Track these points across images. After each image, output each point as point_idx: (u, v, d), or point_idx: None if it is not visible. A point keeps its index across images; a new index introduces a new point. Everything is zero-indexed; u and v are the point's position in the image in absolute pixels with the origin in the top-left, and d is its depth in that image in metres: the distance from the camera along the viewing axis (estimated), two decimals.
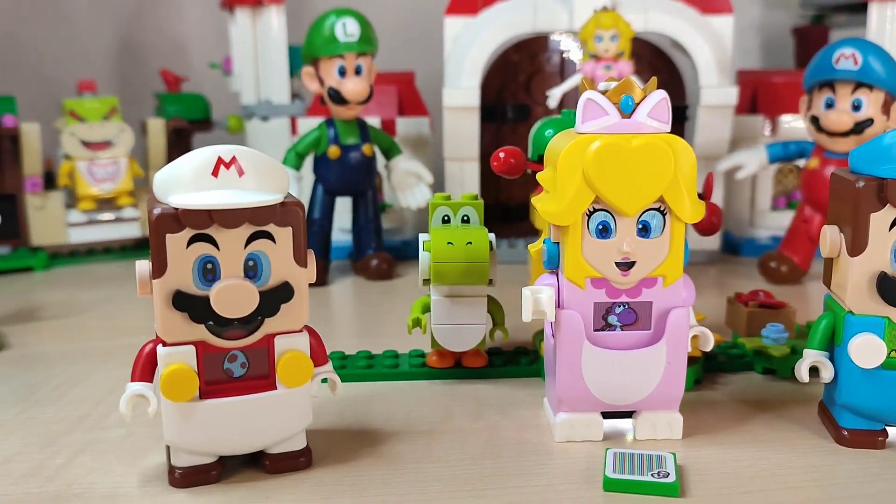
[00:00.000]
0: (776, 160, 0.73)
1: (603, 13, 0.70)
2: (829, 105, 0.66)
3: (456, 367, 0.48)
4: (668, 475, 0.35)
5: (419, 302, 0.48)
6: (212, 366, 0.34)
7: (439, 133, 0.79)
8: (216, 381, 0.35)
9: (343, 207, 0.76)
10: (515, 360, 0.49)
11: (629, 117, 0.37)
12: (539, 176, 0.39)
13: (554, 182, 0.37)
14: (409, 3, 1.07)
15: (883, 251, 0.37)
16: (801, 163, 0.73)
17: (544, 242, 0.40)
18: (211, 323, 0.34)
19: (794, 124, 0.81)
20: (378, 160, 0.75)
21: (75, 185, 0.79)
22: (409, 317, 0.48)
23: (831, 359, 0.40)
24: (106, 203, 0.81)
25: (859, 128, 0.65)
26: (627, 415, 0.41)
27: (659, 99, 0.37)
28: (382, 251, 0.74)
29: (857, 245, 0.38)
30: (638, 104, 0.37)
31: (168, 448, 0.36)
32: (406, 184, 0.74)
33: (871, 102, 0.64)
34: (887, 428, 0.39)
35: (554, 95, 0.75)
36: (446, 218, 0.48)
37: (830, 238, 0.39)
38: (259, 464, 0.37)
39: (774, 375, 0.49)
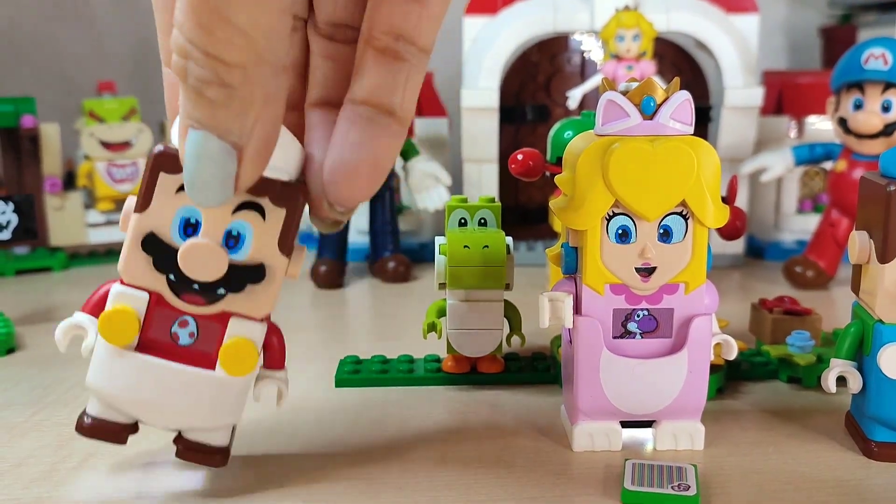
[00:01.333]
0: (802, 162, 0.72)
1: (625, 12, 0.69)
2: (858, 106, 0.64)
3: (472, 373, 0.48)
4: (688, 488, 0.34)
5: (435, 306, 0.48)
6: (160, 323, 0.33)
7: (457, 134, 0.78)
8: (159, 340, 0.33)
9: (360, 209, 0.75)
10: (532, 366, 0.48)
11: (651, 119, 0.36)
12: (557, 179, 0.38)
13: (572, 185, 0.36)
14: None
15: None
16: (827, 165, 0.72)
17: (562, 247, 0.39)
18: (172, 277, 0.32)
19: (820, 126, 0.80)
20: (395, 162, 0.74)
21: (94, 185, 0.79)
22: (424, 321, 0.47)
23: (860, 369, 0.39)
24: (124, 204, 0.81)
25: (889, 129, 0.63)
26: (647, 424, 0.40)
27: (682, 100, 0.36)
28: (399, 253, 0.74)
29: (887, 251, 0.36)
30: (660, 105, 0.36)
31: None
32: (423, 185, 0.73)
33: None
34: None
35: (574, 96, 0.74)
36: (463, 221, 0.47)
37: (859, 244, 0.38)
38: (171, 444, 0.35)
39: (800, 384, 0.47)
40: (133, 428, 0.34)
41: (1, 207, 0.58)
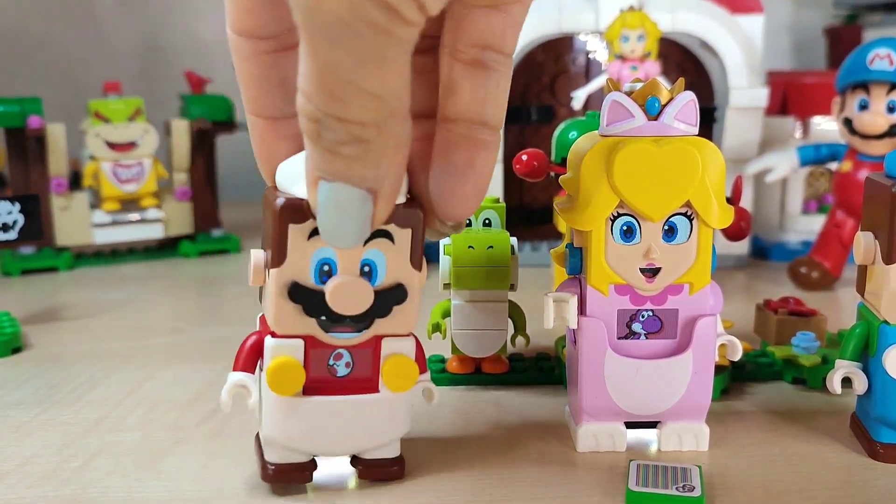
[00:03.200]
0: (807, 163, 0.72)
1: (629, 13, 0.69)
2: (863, 107, 0.64)
3: (476, 373, 0.48)
4: (693, 489, 0.34)
5: (439, 306, 0.48)
6: (317, 362, 0.34)
7: None
8: (320, 378, 0.34)
9: None
10: (537, 366, 0.48)
11: (655, 119, 0.36)
12: (562, 179, 0.38)
13: (577, 185, 0.36)
14: None
15: None
16: (833, 166, 0.72)
17: (567, 247, 0.39)
18: (323, 318, 0.33)
19: (825, 126, 0.79)
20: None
21: (100, 185, 0.79)
22: (428, 321, 0.47)
23: (865, 370, 0.39)
24: (130, 204, 0.81)
25: (894, 130, 0.63)
26: (652, 425, 0.40)
27: (686, 100, 0.36)
28: None
29: (893, 252, 0.36)
30: (665, 106, 0.36)
31: (258, 442, 0.36)
32: None
33: None
34: None
35: (578, 97, 0.74)
36: (467, 221, 0.47)
37: (865, 244, 0.38)
38: (351, 468, 0.36)
39: (805, 385, 0.47)
40: (313, 465, 0.35)
41: (7, 207, 0.59)
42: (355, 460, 0.36)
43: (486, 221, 0.47)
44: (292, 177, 0.32)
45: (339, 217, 0.28)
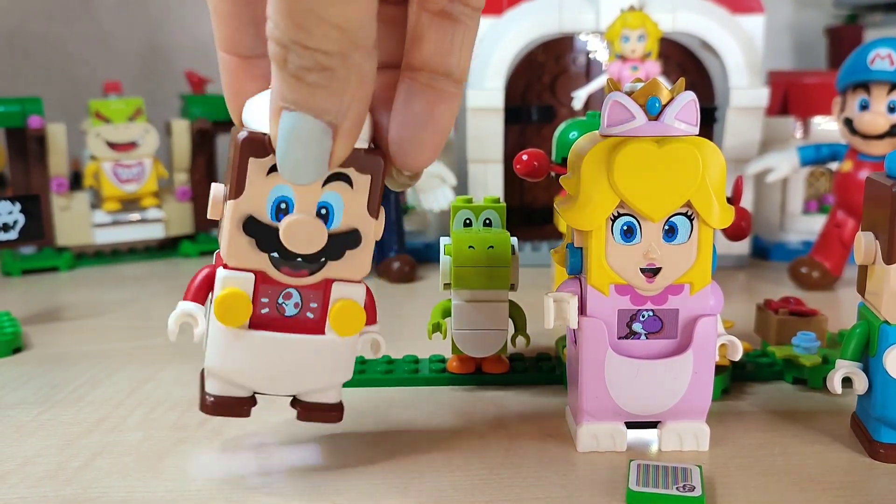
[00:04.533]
0: (808, 163, 0.72)
1: (630, 13, 0.69)
2: (864, 107, 0.64)
3: (477, 373, 0.48)
4: (693, 489, 0.34)
5: (440, 306, 0.48)
6: (267, 299, 0.34)
7: (463, 135, 0.78)
8: (268, 315, 0.34)
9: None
10: (537, 366, 0.48)
11: (656, 119, 0.36)
12: (562, 179, 0.38)
13: (577, 186, 0.36)
14: None
15: None
16: (833, 166, 0.72)
17: (567, 247, 0.39)
18: (275, 254, 0.33)
19: (826, 126, 0.79)
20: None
21: (100, 185, 0.79)
22: (429, 321, 0.47)
23: (865, 370, 0.39)
24: (131, 204, 0.81)
25: (895, 130, 0.63)
26: (652, 425, 0.40)
27: (687, 100, 0.36)
28: (404, 254, 0.74)
29: (893, 252, 0.36)
30: (665, 106, 0.36)
31: (202, 376, 0.36)
32: (429, 186, 0.73)
33: None
34: None
35: (579, 97, 0.74)
36: (468, 221, 0.47)
37: (865, 244, 0.38)
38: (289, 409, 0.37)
39: (805, 385, 0.47)
40: (253, 401, 0.36)
41: (7, 207, 0.59)
42: (295, 402, 0.36)
43: (487, 221, 0.47)
44: (258, 113, 0.32)
45: (298, 148, 0.29)
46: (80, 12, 1.16)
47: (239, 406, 0.35)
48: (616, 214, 0.36)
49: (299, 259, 0.33)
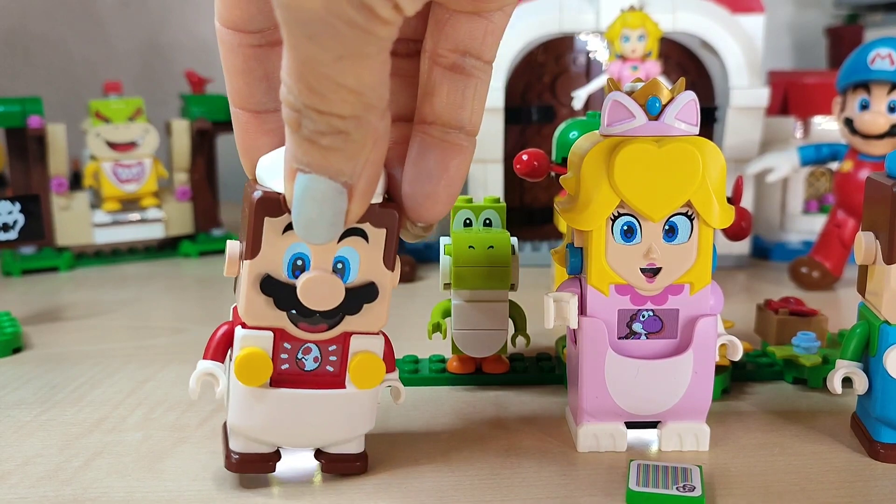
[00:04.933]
0: (808, 163, 0.72)
1: (630, 13, 0.69)
2: (864, 106, 0.64)
3: (477, 373, 0.48)
4: (693, 489, 0.34)
5: (440, 306, 0.48)
6: (286, 355, 0.34)
7: None
8: (288, 371, 0.34)
9: None
10: (537, 366, 0.48)
11: (656, 119, 0.36)
12: (562, 179, 0.38)
13: (577, 185, 0.36)
14: None
15: None
16: (833, 166, 0.72)
17: (567, 247, 0.39)
18: (294, 312, 0.33)
19: (826, 126, 0.79)
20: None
21: (100, 185, 0.79)
22: (429, 321, 0.47)
23: (865, 370, 0.39)
24: (131, 204, 0.81)
25: (895, 130, 0.63)
26: (652, 425, 0.40)
27: (687, 100, 0.36)
28: (405, 254, 0.74)
29: (893, 251, 0.36)
30: (665, 106, 0.36)
31: (225, 432, 0.36)
32: None
33: None
34: None
35: (579, 97, 0.74)
36: (468, 221, 0.47)
37: (865, 244, 0.38)
38: (315, 461, 0.37)
39: (805, 385, 0.47)
40: (277, 455, 0.36)
41: (7, 207, 0.59)
42: (319, 454, 0.36)
43: (487, 221, 0.47)
44: (271, 171, 0.32)
45: (313, 210, 0.29)
46: (81, 12, 1.16)
47: (263, 462, 0.35)
48: (616, 214, 0.36)
49: (317, 315, 0.33)
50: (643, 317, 0.38)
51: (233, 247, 0.34)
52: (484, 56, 0.30)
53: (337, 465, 0.36)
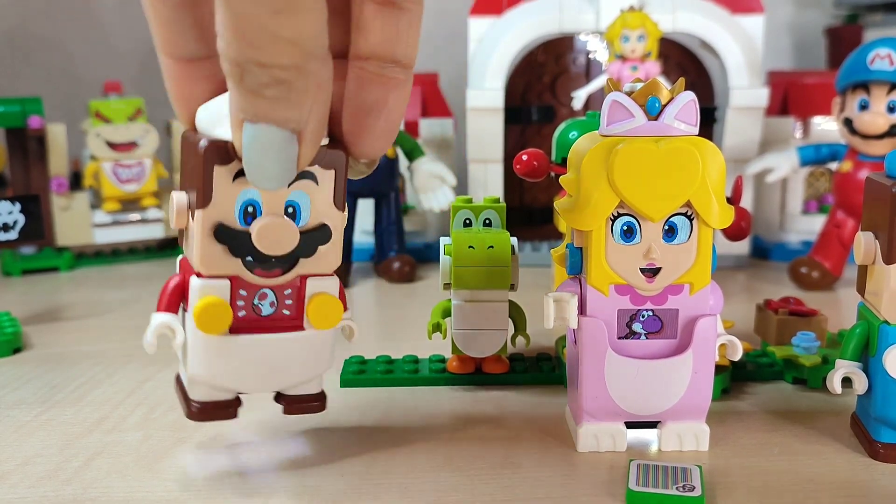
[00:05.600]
0: (807, 163, 0.72)
1: (630, 13, 0.69)
2: (864, 107, 0.64)
3: (477, 373, 0.48)
4: (693, 489, 0.34)
5: (440, 306, 0.48)
6: (243, 302, 0.34)
7: (463, 135, 0.78)
8: (245, 317, 0.34)
9: (365, 209, 0.75)
10: (537, 366, 0.48)
11: (656, 119, 0.36)
12: (562, 179, 0.38)
13: (577, 185, 0.36)
14: (433, 4, 1.07)
15: None
16: (833, 166, 0.72)
17: (567, 247, 0.39)
18: (249, 258, 0.33)
19: (826, 126, 0.79)
20: (401, 162, 0.74)
21: (100, 185, 0.80)
22: (429, 321, 0.47)
23: (865, 370, 0.39)
24: (131, 204, 0.81)
25: (895, 130, 0.63)
26: (652, 425, 0.40)
27: (687, 100, 0.36)
28: (404, 254, 0.74)
29: (893, 252, 0.36)
30: (665, 106, 0.36)
31: (179, 382, 0.36)
32: (429, 186, 0.73)
33: None
34: None
35: (579, 97, 0.74)
36: (468, 221, 0.47)
37: (865, 244, 0.38)
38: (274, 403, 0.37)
39: (805, 385, 0.47)
40: (238, 401, 0.36)
41: (7, 207, 0.59)
42: (279, 397, 0.37)
43: (487, 221, 0.47)
44: (214, 118, 0.32)
45: (264, 158, 0.29)
46: (81, 12, 1.16)
47: (225, 409, 0.35)
48: (616, 214, 0.36)
49: (273, 260, 0.34)
50: (643, 317, 0.38)
51: (179, 197, 0.33)
52: None
53: (298, 407, 0.37)
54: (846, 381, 0.39)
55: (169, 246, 0.85)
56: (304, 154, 0.30)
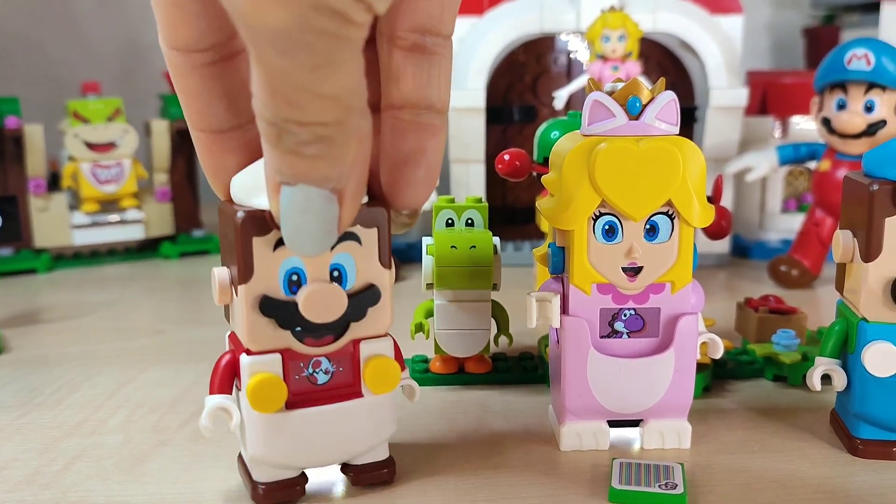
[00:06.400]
0: (787, 162, 0.72)
1: (610, 13, 0.69)
2: (841, 106, 0.65)
3: (459, 373, 0.48)
4: (675, 486, 0.34)
5: (422, 306, 0.48)
6: (297, 374, 0.33)
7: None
8: (301, 389, 0.33)
9: None
10: (520, 366, 0.49)
11: (637, 119, 0.36)
12: (544, 179, 0.38)
13: (559, 185, 0.37)
14: None
15: None
16: (812, 165, 0.72)
17: (549, 247, 0.39)
18: (298, 329, 0.32)
19: (804, 126, 0.80)
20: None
21: (79, 186, 0.79)
22: (411, 322, 0.47)
23: (844, 366, 0.39)
24: (110, 205, 0.81)
25: (872, 129, 0.64)
26: (635, 423, 0.40)
27: (667, 100, 0.36)
28: None
29: (871, 250, 0.37)
30: (646, 106, 0.36)
31: (242, 462, 0.35)
32: None
33: (884, 103, 0.63)
34: None
35: (560, 97, 0.74)
36: (450, 221, 0.47)
37: (843, 243, 0.38)
38: (343, 476, 0.36)
39: (785, 383, 0.48)
40: (304, 478, 0.35)
41: None
42: (345, 467, 0.35)
43: (469, 221, 0.47)
44: (249, 188, 0.31)
45: (304, 221, 0.28)
46: (59, 12, 1.15)
47: (291, 488, 0.34)
48: (597, 214, 0.36)
49: (323, 328, 0.32)
50: (625, 315, 0.38)
51: (221, 274, 0.32)
52: (443, 32, 0.30)
53: (365, 476, 0.35)
54: (826, 378, 0.40)
55: (148, 247, 0.85)
56: (345, 214, 0.28)
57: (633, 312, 0.38)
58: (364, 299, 0.33)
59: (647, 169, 0.36)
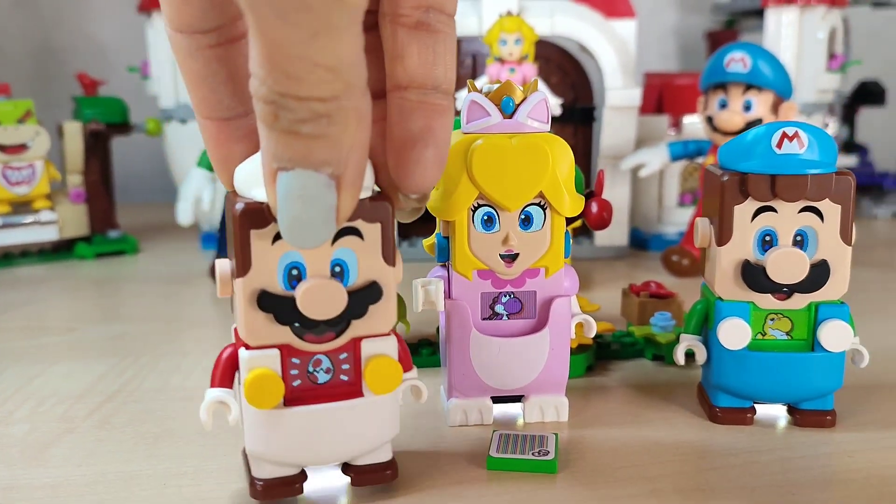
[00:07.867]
0: (677, 158, 0.77)
1: (507, 17, 0.72)
2: (723, 105, 0.69)
3: None
4: (547, 454, 0.37)
5: None
6: (296, 371, 0.32)
7: None
8: (300, 387, 0.33)
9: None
10: (418, 350, 0.51)
11: (510, 118, 0.39)
12: None
13: (442, 179, 0.39)
14: None
15: (746, 241, 0.40)
16: (700, 160, 0.77)
17: (436, 237, 0.42)
18: (297, 325, 0.31)
19: (696, 124, 0.85)
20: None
21: None
22: None
23: (705, 342, 0.43)
24: (22, 206, 0.81)
25: (750, 127, 0.68)
26: (518, 399, 0.43)
27: (538, 100, 0.39)
28: None
29: (723, 235, 0.41)
30: (518, 105, 0.39)
31: (246, 458, 0.34)
32: None
33: (760, 103, 0.68)
34: (755, 405, 0.43)
35: (458, 97, 0.77)
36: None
37: (702, 229, 0.42)
38: (343, 476, 0.35)
39: (663, 362, 0.52)
40: (303, 476, 0.34)
41: None
42: (346, 468, 0.35)
43: None
44: (250, 179, 0.30)
45: (301, 209, 0.26)
46: None
47: (290, 485, 0.33)
48: (476, 205, 0.39)
49: (322, 324, 0.31)
50: (504, 299, 0.41)
51: (223, 265, 0.32)
52: (447, 9, 0.29)
53: (366, 478, 0.35)
54: (692, 354, 0.43)
55: (64, 248, 0.85)
56: (344, 202, 0.27)
57: (511, 296, 0.41)
58: (365, 296, 0.32)
59: (520, 163, 0.39)
